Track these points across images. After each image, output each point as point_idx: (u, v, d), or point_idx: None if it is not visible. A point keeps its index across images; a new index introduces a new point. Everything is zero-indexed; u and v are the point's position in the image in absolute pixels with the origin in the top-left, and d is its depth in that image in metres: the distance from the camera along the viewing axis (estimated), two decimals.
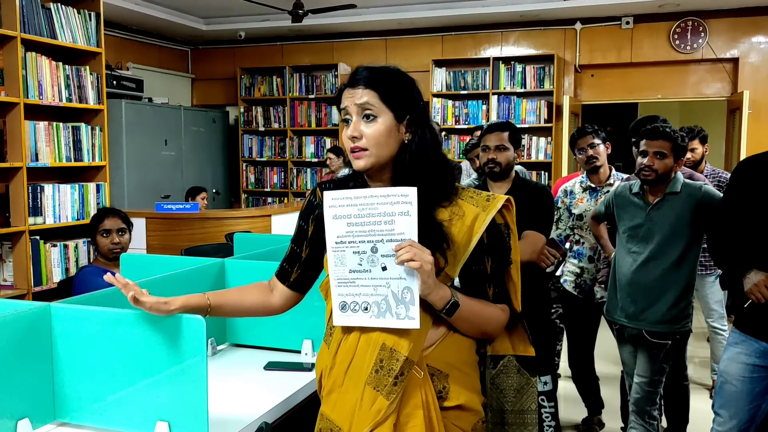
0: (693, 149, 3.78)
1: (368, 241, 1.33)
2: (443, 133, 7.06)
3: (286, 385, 1.98)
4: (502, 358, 1.53)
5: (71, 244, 4.10)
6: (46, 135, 3.92)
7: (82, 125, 4.17)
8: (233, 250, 3.11)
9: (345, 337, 1.43)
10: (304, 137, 7.74)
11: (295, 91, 7.68)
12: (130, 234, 3.13)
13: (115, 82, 6.45)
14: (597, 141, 3.36)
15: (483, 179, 2.93)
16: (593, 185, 3.43)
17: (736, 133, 6.30)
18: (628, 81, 6.97)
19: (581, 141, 3.40)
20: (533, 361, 1.55)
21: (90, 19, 4.23)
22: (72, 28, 4.09)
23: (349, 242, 1.34)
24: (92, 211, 4.09)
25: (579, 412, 3.69)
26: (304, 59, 7.85)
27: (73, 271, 4.03)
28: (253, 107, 7.92)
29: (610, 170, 3.44)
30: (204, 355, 1.50)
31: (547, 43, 7.04)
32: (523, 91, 6.92)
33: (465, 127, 7.06)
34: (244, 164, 8.05)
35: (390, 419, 1.35)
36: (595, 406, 3.60)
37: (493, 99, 6.98)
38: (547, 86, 6.85)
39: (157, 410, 1.55)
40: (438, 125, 6.49)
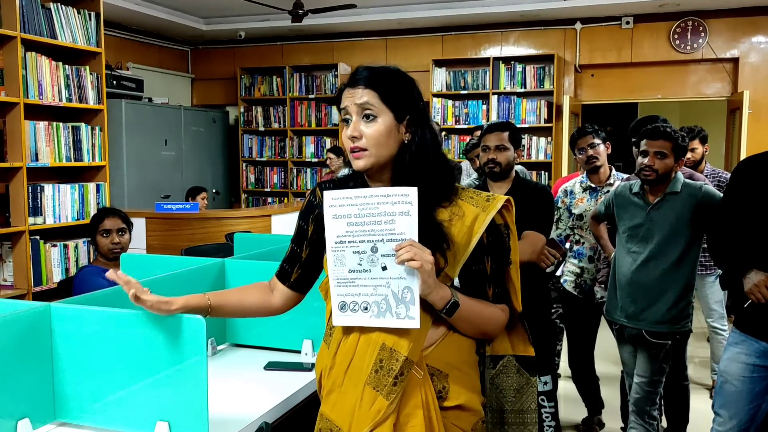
0: (693, 149, 3.78)
1: (368, 241, 1.32)
2: (443, 133, 7.06)
3: (286, 385, 1.98)
4: (501, 358, 1.53)
5: (71, 244, 4.10)
6: (46, 135, 3.92)
7: (82, 125, 4.18)
8: (233, 250, 3.11)
9: (345, 337, 1.43)
10: (304, 137, 7.74)
11: (295, 91, 7.67)
12: (130, 234, 3.13)
13: (115, 82, 6.45)
14: (597, 141, 3.36)
15: (483, 179, 2.93)
16: (593, 185, 3.43)
17: (736, 133, 6.30)
18: (628, 81, 6.97)
19: (581, 141, 3.41)
20: (533, 361, 1.55)
21: (90, 19, 4.23)
22: (72, 28, 4.09)
23: (349, 242, 1.33)
24: (92, 211, 4.09)
25: (579, 412, 3.69)
26: (304, 59, 7.84)
27: (73, 271, 4.02)
28: (253, 107, 7.92)
29: (610, 170, 3.44)
30: (204, 355, 1.50)
31: (547, 43, 7.03)
32: (523, 91, 6.91)
33: (465, 127, 7.06)
34: (244, 164, 8.05)
35: (390, 419, 1.35)
36: (595, 406, 3.60)
37: (493, 99, 6.97)
38: (547, 86, 6.85)
39: (157, 410, 1.55)
40: (438, 125, 6.49)
